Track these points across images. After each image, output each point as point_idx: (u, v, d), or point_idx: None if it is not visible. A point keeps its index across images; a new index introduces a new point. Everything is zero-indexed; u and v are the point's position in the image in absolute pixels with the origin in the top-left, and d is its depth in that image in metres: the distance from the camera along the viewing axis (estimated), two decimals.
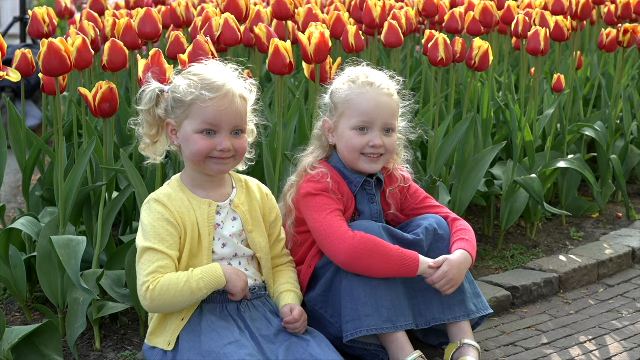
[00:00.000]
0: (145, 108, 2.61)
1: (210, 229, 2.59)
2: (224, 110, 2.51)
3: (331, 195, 2.77)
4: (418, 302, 2.75)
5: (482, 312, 2.82)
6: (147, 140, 2.64)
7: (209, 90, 2.51)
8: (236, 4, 3.51)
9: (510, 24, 4.41)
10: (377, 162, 2.81)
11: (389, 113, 2.79)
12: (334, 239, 2.68)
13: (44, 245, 2.96)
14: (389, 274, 2.66)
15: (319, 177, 2.79)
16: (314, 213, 2.75)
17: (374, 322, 2.64)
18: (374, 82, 2.79)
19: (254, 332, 2.56)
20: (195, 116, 2.52)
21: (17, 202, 4.63)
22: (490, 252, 3.91)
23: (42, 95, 4.32)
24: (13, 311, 3.23)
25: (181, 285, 2.47)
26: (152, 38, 3.53)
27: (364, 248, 2.64)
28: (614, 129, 4.57)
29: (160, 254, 2.50)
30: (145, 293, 2.48)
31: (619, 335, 3.15)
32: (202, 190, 2.62)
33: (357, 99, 2.78)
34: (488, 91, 4.04)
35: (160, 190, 2.62)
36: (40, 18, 3.69)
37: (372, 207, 2.87)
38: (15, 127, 3.54)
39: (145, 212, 2.57)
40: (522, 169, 3.97)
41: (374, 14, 3.95)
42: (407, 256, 2.66)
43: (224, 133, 2.53)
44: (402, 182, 2.94)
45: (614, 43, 4.55)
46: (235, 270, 2.57)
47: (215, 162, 2.55)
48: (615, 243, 3.98)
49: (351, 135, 2.79)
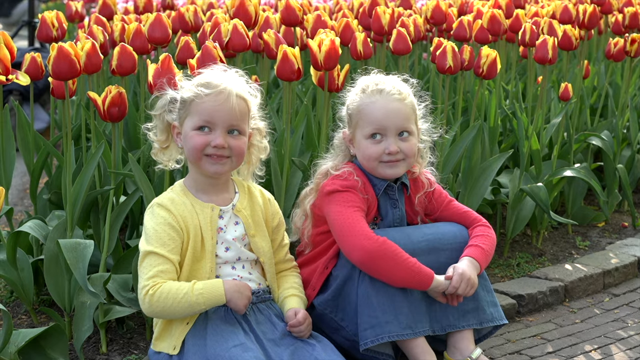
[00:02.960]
0: (157, 113, 2.66)
1: (213, 232, 2.61)
2: (219, 106, 2.56)
3: (358, 193, 2.78)
4: (435, 309, 2.77)
5: (497, 321, 2.84)
6: (157, 146, 2.69)
7: (205, 87, 2.57)
8: (245, 9, 3.52)
9: (518, 32, 4.41)
10: (397, 166, 2.81)
11: (401, 118, 2.79)
12: (356, 235, 2.68)
13: (51, 248, 2.97)
14: (402, 282, 2.67)
15: (345, 175, 2.81)
16: (339, 206, 2.75)
17: (394, 329, 2.65)
18: (384, 88, 2.80)
19: (259, 335, 2.57)
20: (193, 113, 2.58)
21: (24, 205, 4.64)
22: (496, 260, 3.91)
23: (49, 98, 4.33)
24: (20, 314, 3.24)
25: (180, 296, 2.49)
26: (162, 43, 3.54)
27: (383, 251, 2.64)
28: (620, 138, 4.57)
29: (162, 258, 2.52)
30: (145, 297, 2.51)
31: (624, 344, 3.15)
32: (205, 195, 2.65)
33: (367, 108, 2.79)
34: (495, 99, 4.05)
35: (163, 194, 2.66)
36: (49, 22, 3.70)
37: (394, 212, 2.87)
38: (24, 130, 3.55)
39: (148, 216, 2.60)
40: (528, 178, 3.97)
41: (383, 21, 3.95)
42: (423, 269, 2.67)
43: (218, 130, 2.56)
44: (429, 186, 2.95)
45: (621, 52, 4.55)
46: (238, 287, 2.57)
47: (211, 162, 2.58)
48: (621, 252, 3.97)
49: (366, 144, 2.80)
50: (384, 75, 2.88)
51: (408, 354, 2.73)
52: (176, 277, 2.56)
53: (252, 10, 3.54)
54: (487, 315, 2.82)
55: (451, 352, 2.80)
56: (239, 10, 3.52)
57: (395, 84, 2.83)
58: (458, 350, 2.78)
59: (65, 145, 3.01)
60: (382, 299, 2.67)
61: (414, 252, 2.69)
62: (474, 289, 2.72)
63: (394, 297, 2.67)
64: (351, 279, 2.74)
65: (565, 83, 4.13)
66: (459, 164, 3.85)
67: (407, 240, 2.73)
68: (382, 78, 2.85)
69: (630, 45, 4.48)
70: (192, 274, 2.59)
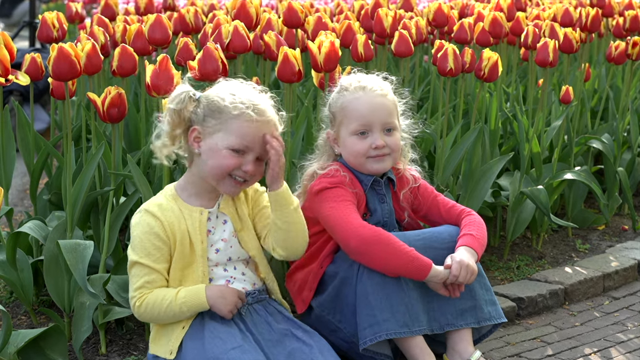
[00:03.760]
0: (176, 108, 2.56)
1: (202, 236, 2.59)
2: (259, 134, 2.52)
3: (347, 188, 2.79)
4: (433, 307, 2.77)
5: (496, 319, 2.83)
6: (166, 140, 2.59)
7: (256, 112, 2.52)
8: (247, 11, 3.52)
9: (519, 35, 4.41)
10: (384, 160, 2.83)
11: (386, 112, 2.82)
12: (349, 225, 2.69)
13: (51, 249, 2.97)
14: (398, 269, 2.66)
15: (332, 173, 2.81)
16: (330, 202, 2.75)
17: (392, 327, 2.66)
18: (366, 85, 2.83)
19: (257, 336, 2.57)
20: (232, 132, 2.51)
21: (24, 206, 4.64)
22: (495, 263, 3.91)
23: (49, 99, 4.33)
24: (19, 314, 3.24)
25: (164, 307, 2.51)
26: (162, 44, 3.54)
27: (377, 238, 2.65)
28: (621, 141, 4.57)
29: (147, 268, 2.53)
30: (133, 307, 2.55)
31: (624, 347, 3.15)
32: (197, 199, 2.62)
33: (351, 104, 2.81)
34: (496, 102, 4.04)
35: (152, 199, 2.63)
36: (49, 23, 3.70)
37: (382, 206, 2.89)
38: (24, 130, 3.55)
39: (135, 221, 2.58)
40: (528, 180, 3.97)
41: (385, 23, 3.95)
42: (420, 257, 2.67)
43: (251, 156, 2.53)
44: (413, 182, 2.96)
45: (622, 55, 4.55)
46: (222, 293, 2.55)
47: (233, 184, 2.55)
48: (621, 255, 3.97)
49: (353, 141, 2.81)
50: (363, 74, 2.91)
51: (407, 354, 2.73)
52: (165, 284, 2.56)
53: (253, 12, 3.54)
54: (485, 313, 2.81)
55: (450, 355, 2.80)
56: (240, 12, 3.52)
57: (376, 81, 2.86)
58: (457, 352, 2.78)
59: (65, 145, 3.01)
60: (379, 297, 2.67)
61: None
62: (474, 275, 2.71)
63: (391, 295, 2.67)
64: (348, 279, 2.74)
65: (566, 86, 4.12)
66: (460, 167, 3.85)
67: (402, 238, 2.72)
68: (363, 76, 2.89)
69: (631, 49, 4.48)
70: (184, 278, 2.58)
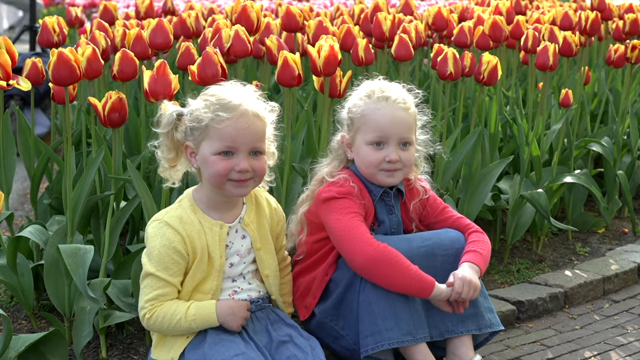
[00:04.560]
0: (164, 131, 2.57)
1: (221, 251, 2.58)
2: (241, 130, 2.49)
3: (355, 199, 2.77)
4: (433, 314, 2.76)
5: (495, 327, 2.83)
6: (165, 164, 2.61)
7: (224, 111, 2.48)
8: (247, 15, 3.52)
9: (519, 38, 4.42)
10: (395, 175, 2.80)
11: (405, 127, 2.78)
12: (357, 241, 2.67)
13: (52, 253, 2.97)
14: (402, 288, 2.66)
15: (341, 182, 2.79)
16: (337, 214, 2.73)
17: (395, 336, 2.65)
18: (390, 96, 2.78)
19: (257, 343, 2.56)
20: (213, 137, 2.49)
21: (24, 210, 4.64)
22: (496, 266, 3.91)
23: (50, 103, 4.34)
24: (20, 319, 3.24)
25: (174, 322, 2.50)
26: (163, 49, 3.55)
27: (385, 257, 2.64)
28: (620, 144, 4.57)
29: (163, 281, 2.51)
30: (143, 318, 2.54)
31: (623, 350, 3.15)
32: (216, 212, 2.60)
33: (372, 114, 2.77)
34: (496, 105, 4.05)
35: (172, 211, 2.58)
36: (50, 27, 3.70)
37: (391, 217, 2.87)
38: (24, 135, 3.55)
39: (154, 231, 2.54)
40: (528, 184, 3.97)
41: (384, 27, 3.96)
42: (424, 276, 2.66)
43: (241, 154, 2.50)
44: (424, 193, 2.95)
45: (621, 59, 4.56)
46: (232, 309, 2.55)
47: (235, 185, 2.53)
48: (621, 258, 3.97)
49: (367, 150, 2.79)
50: (388, 82, 2.86)
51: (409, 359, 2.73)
52: (177, 296, 2.56)
53: (254, 17, 3.54)
54: (485, 321, 2.81)
55: (450, 359, 2.80)
56: (241, 16, 3.52)
57: (400, 92, 2.82)
58: (457, 357, 2.77)
59: (65, 150, 3.02)
60: (383, 306, 2.67)
61: (411, 258, 2.69)
62: (477, 291, 2.71)
63: (395, 304, 2.67)
64: (352, 287, 2.73)
65: (566, 89, 4.13)
66: (459, 170, 3.85)
67: (406, 246, 2.72)
68: (388, 85, 2.83)
69: (630, 52, 4.49)
70: (196, 289, 2.58)
